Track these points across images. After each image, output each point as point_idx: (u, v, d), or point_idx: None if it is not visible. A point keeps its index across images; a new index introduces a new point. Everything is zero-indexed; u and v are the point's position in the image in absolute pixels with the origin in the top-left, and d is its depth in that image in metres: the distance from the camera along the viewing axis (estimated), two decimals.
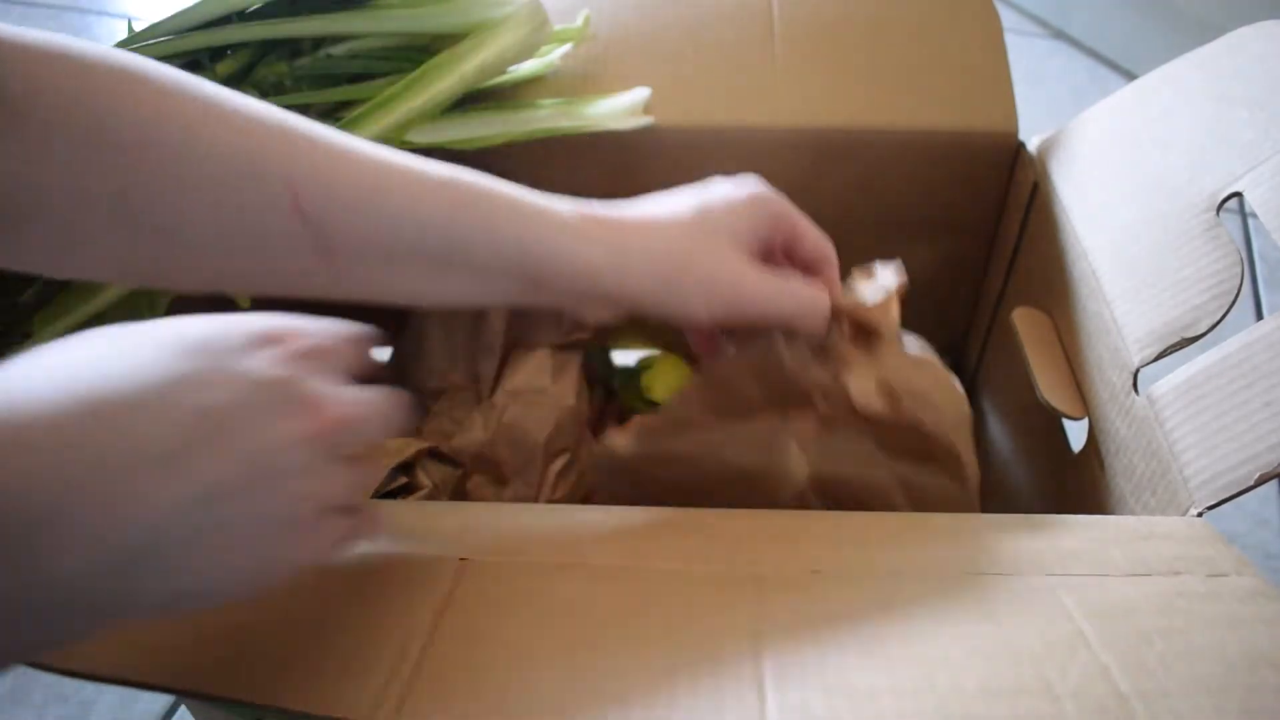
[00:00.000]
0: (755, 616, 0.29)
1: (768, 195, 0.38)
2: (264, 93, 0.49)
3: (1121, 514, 0.42)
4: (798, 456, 0.37)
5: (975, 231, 0.61)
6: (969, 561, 0.32)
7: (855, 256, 0.64)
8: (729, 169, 0.58)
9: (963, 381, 0.69)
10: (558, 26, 0.55)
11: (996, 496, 0.63)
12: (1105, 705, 0.26)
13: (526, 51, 0.53)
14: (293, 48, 0.50)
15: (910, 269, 0.65)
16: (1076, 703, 0.26)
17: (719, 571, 0.31)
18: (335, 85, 0.50)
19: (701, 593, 0.30)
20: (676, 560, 0.32)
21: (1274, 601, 0.30)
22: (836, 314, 0.39)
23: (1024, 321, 0.51)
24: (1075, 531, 0.33)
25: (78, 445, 0.17)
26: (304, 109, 0.46)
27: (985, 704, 0.26)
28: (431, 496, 0.46)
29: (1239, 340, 0.36)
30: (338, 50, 0.50)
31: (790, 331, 0.37)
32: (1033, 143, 0.54)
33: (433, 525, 0.34)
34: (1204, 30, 0.48)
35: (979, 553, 0.32)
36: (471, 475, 0.49)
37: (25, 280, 0.44)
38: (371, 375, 0.26)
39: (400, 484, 0.45)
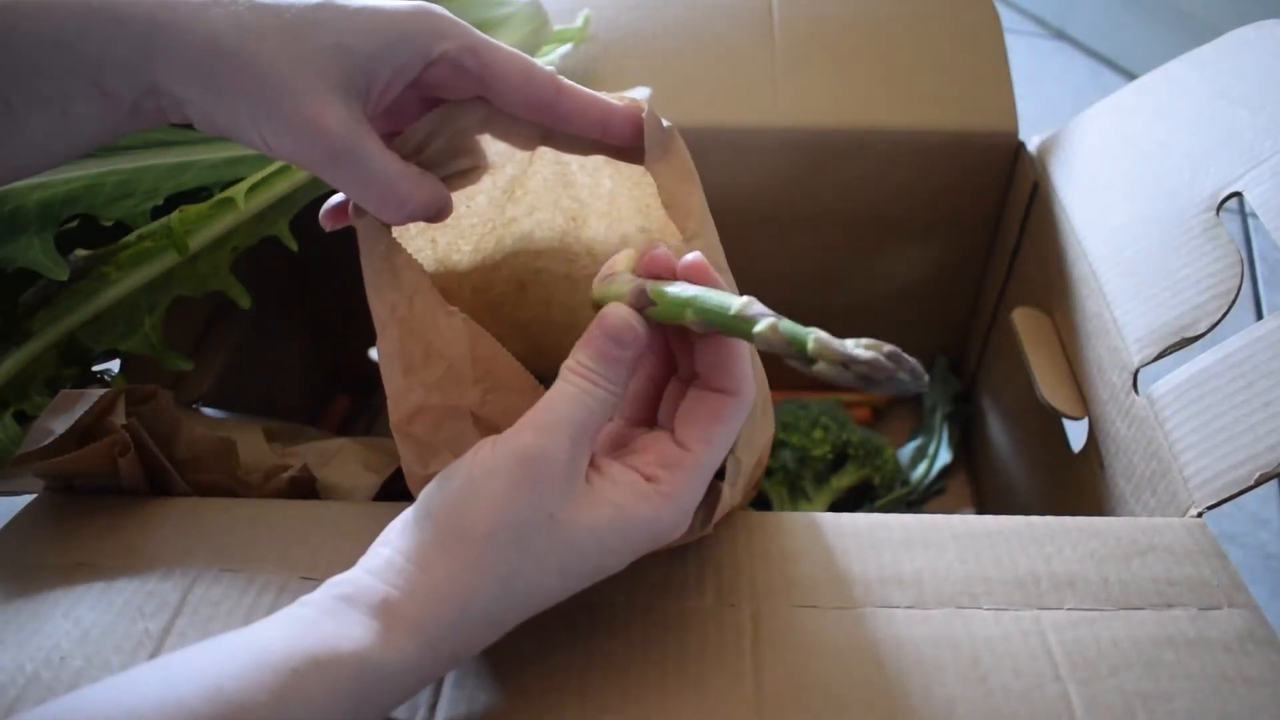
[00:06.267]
0: (753, 686, 0.29)
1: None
2: None
3: (1121, 514, 0.42)
4: None
5: (975, 231, 0.61)
6: (964, 592, 0.32)
7: (855, 256, 0.64)
8: (729, 169, 0.58)
9: (962, 381, 0.69)
10: (558, 27, 0.55)
11: (997, 496, 0.63)
12: None
13: (527, 52, 0.53)
14: None
15: (910, 269, 0.65)
16: None
17: (709, 607, 0.31)
18: None
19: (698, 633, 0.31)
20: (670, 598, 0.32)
21: (1261, 647, 0.30)
22: None
23: (1024, 321, 0.51)
24: (1074, 544, 0.33)
25: None
26: None
27: None
28: None
29: (1239, 340, 0.35)
30: None
31: None
32: (1033, 143, 0.54)
33: None
34: (1204, 30, 0.48)
35: (975, 577, 0.32)
36: None
37: (25, 280, 0.44)
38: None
39: None
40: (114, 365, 0.47)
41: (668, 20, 0.58)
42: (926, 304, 0.66)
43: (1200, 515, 0.34)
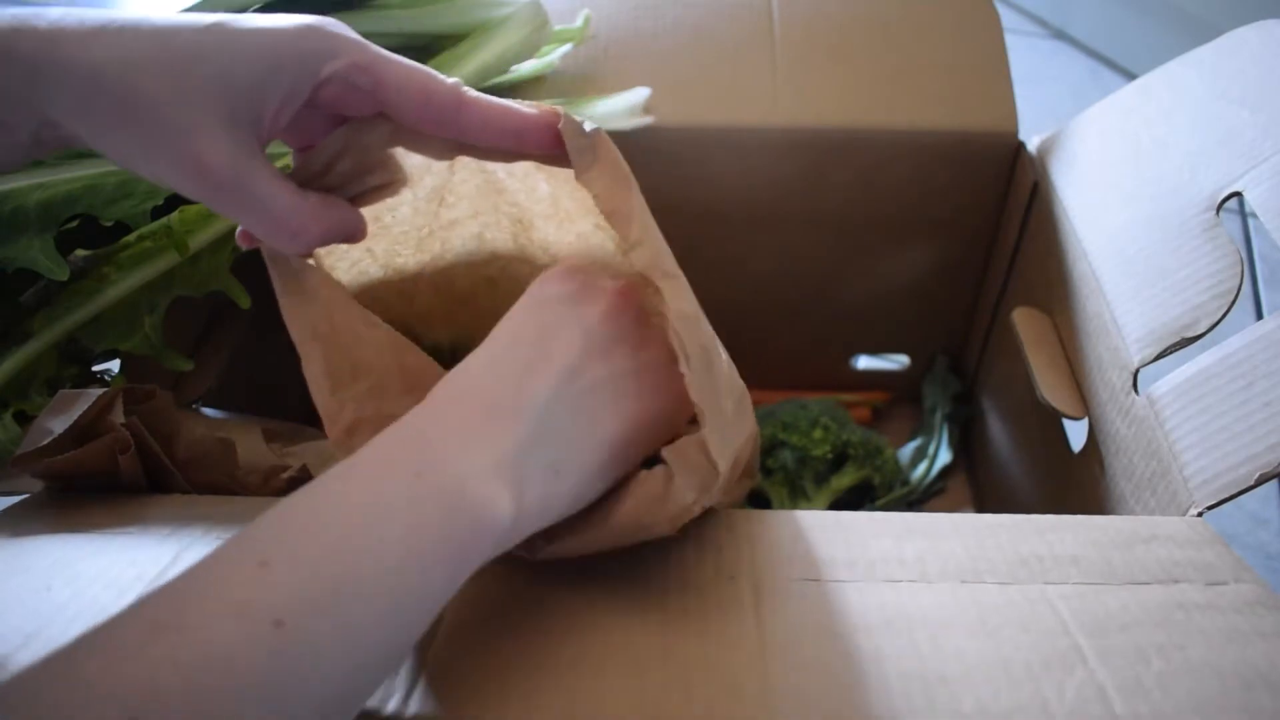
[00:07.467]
0: (756, 632, 0.29)
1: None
2: None
3: (1122, 514, 0.42)
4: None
5: (975, 231, 0.61)
6: (968, 568, 0.32)
7: (855, 256, 0.64)
8: (729, 169, 0.58)
9: (962, 381, 0.69)
10: (558, 27, 0.55)
11: (996, 496, 0.63)
12: None
13: (527, 52, 0.53)
14: None
15: (910, 269, 0.65)
16: None
17: (708, 579, 0.31)
18: None
19: (697, 596, 0.30)
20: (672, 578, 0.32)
21: (1272, 611, 0.29)
22: None
23: (1024, 321, 0.51)
24: (1076, 533, 0.33)
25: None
26: None
27: None
28: None
29: (1239, 340, 0.35)
30: None
31: None
32: (1033, 143, 0.54)
33: None
34: (1204, 30, 0.48)
35: (978, 558, 0.32)
36: None
37: (25, 280, 0.44)
38: None
39: None
40: (114, 365, 0.47)
41: (668, 20, 0.58)
42: (926, 304, 0.66)
43: (1200, 515, 0.34)
